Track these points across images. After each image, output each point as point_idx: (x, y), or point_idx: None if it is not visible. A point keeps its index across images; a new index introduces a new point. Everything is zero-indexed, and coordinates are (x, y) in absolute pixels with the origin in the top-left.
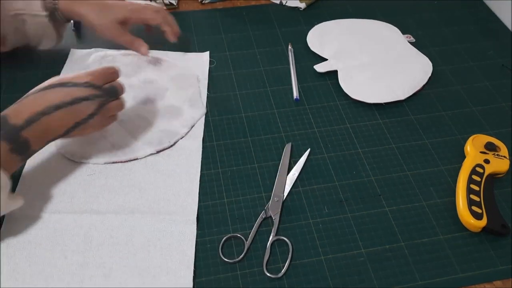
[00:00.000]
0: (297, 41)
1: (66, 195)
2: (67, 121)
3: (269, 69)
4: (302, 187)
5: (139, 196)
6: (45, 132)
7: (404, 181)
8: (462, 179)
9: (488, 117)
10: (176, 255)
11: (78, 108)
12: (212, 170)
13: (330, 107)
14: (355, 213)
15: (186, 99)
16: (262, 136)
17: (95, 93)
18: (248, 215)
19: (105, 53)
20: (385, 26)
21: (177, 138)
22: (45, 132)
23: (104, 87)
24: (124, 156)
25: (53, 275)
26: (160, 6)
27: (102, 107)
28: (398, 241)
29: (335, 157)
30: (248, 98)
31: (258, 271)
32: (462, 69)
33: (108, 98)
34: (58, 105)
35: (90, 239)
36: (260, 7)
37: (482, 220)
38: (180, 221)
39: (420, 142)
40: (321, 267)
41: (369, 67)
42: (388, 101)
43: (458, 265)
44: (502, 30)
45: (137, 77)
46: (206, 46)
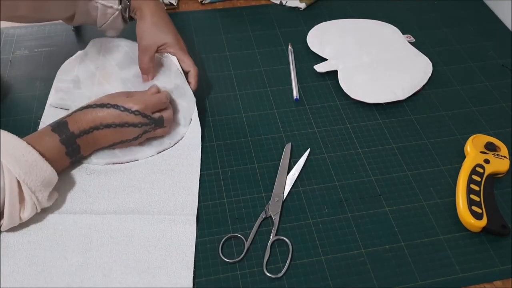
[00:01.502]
0: (297, 41)
1: (66, 195)
2: (113, 138)
3: (269, 69)
4: (302, 187)
5: (139, 196)
6: (94, 143)
7: (404, 181)
8: (462, 179)
9: (488, 117)
10: (176, 255)
11: (125, 131)
12: (212, 170)
13: (330, 107)
14: (355, 213)
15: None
16: (262, 136)
17: (142, 122)
18: (248, 215)
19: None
20: (385, 26)
21: (178, 138)
22: (94, 143)
23: (153, 117)
24: (124, 157)
25: (53, 275)
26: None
27: (146, 132)
28: (398, 241)
29: (335, 157)
30: (248, 98)
31: (258, 271)
32: (462, 69)
33: (154, 126)
34: (109, 124)
35: (90, 239)
36: (260, 7)
37: (482, 220)
38: (180, 221)
39: (420, 142)
40: (321, 267)
41: (369, 67)
42: (388, 101)
43: (458, 265)
44: (502, 30)
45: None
46: (206, 46)
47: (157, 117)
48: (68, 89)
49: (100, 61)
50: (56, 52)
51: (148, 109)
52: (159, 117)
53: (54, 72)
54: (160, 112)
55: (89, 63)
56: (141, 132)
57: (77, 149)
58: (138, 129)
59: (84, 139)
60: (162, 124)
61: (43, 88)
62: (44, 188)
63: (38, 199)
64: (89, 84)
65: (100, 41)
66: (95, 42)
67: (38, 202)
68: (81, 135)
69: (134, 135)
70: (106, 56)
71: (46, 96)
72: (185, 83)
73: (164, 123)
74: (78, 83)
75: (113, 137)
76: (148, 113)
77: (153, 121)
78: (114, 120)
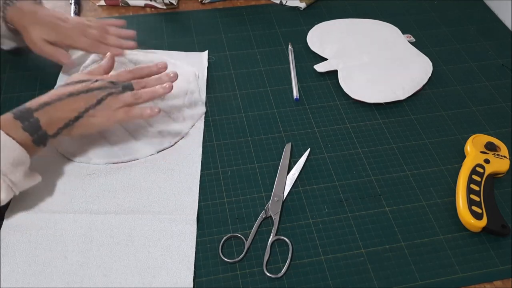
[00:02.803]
0: (297, 41)
1: (66, 195)
2: (78, 105)
3: (269, 69)
4: (302, 187)
5: (139, 196)
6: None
7: (404, 181)
8: (462, 179)
9: (488, 117)
10: (176, 255)
11: (89, 95)
12: (212, 170)
13: (330, 107)
14: (355, 213)
15: (186, 98)
16: (262, 136)
17: (106, 85)
18: (248, 215)
19: None
20: (385, 26)
21: (178, 138)
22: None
23: (118, 82)
24: (124, 156)
25: (53, 275)
26: (93, 20)
27: (112, 95)
28: (398, 241)
29: (335, 157)
30: (248, 98)
31: (258, 271)
32: (462, 69)
33: (120, 89)
34: (71, 92)
35: (90, 239)
36: (260, 7)
37: (482, 220)
38: (180, 221)
39: (420, 142)
40: (321, 267)
41: (369, 67)
42: (388, 101)
43: (458, 265)
44: (502, 30)
45: None
46: (206, 46)
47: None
48: None
49: None
50: None
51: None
52: (126, 82)
53: (54, 72)
54: None
55: None
56: (105, 93)
57: (36, 124)
58: (102, 90)
59: (44, 111)
60: (131, 87)
61: (43, 88)
62: (15, 168)
63: (12, 180)
64: None
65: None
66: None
67: (13, 183)
68: (40, 108)
69: (98, 96)
70: None
71: None
72: (199, 93)
73: (134, 85)
74: None
75: (78, 104)
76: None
77: (118, 85)
78: (78, 89)
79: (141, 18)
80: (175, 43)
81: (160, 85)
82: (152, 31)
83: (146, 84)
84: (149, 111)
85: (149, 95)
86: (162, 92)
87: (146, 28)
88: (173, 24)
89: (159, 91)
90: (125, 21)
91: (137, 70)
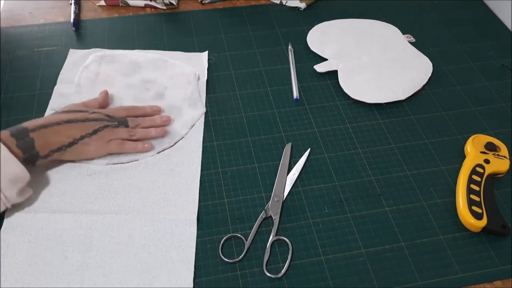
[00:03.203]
0: (297, 41)
1: (66, 195)
2: (74, 132)
3: (269, 69)
4: (302, 187)
5: (139, 196)
6: (51, 138)
7: (404, 181)
8: (462, 179)
9: (488, 117)
10: (176, 255)
11: (86, 125)
12: (212, 170)
13: (330, 107)
14: (355, 213)
15: (186, 98)
16: (262, 136)
17: (103, 118)
18: (248, 215)
19: (104, 53)
20: (385, 26)
21: (178, 138)
22: (51, 138)
23: (114, 117)
24: (124, 157)
25: (53, 275)
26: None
27: (107, 127)
28: (398, 241)
29: (335, 157)
30: (248, 98)
31: (258, 271)
32: (462, 69)
33: (116, 124)
34: (70, 120)
35: (90, 239)
36: (260, 7)
37: (482, 220)
38: (180, 221)
39: (420, 142)
40: (321, 267)
41: (369, 67)
42: (388, 101)
43: (458, 265)
44: (502, 30)
45: (136, 77)
46: (206, 46)
47: (119, 117)
48: (69, 94)
49: (101, 69)
50: (56, 52)
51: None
52: (122, 118)
53: (54, 72)
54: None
55: (90, 71)
56: (101, 125)
57: (31, 144)
58: (98, 122)
59: (40, 133)
60: (126, 124)
61: (43, 88)
62: (12, 185)
63: (6, 196)
64: (90, 88)
65: (101, 52)
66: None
67: (7, 199)
68: (37, 129)
69: (94, 127)
70: (107, 65)
71: (46, 96)
72: (199, 93)
73: (129, 122)
74: (79, 88)
75: (74, 131)
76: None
77: (114, 120)
78: (76, 117)
79: (141, 18)
80: (175, 43)
81: (154, 128)
82: (152, 31)
83: (141, 124)
84: (141, 146)
85: (142, 134)
86: (155, 135)
87: (146, 28)
88: (173, 24)
89: (152, 133)
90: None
91: (133, 109)
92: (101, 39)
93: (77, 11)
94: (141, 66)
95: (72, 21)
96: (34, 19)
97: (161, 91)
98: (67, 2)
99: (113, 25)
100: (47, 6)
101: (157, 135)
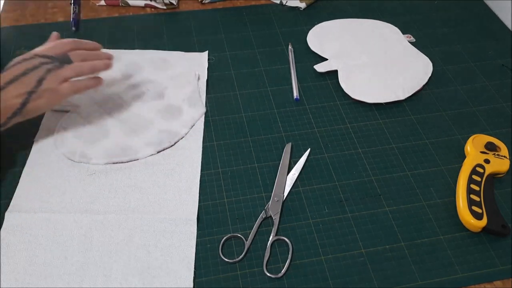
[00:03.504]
0: (297, 41)
1: (66, 195)
2: (20, 91)
3: (269, 69)
4: (302, 187)
5: (139, 196)
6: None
7: (404, 181)
8: (462, 179)
9: (488, 117)
10: (176, 255)
11: (28, 77)
12: (212, 170)
13: (330, 107)
14: (355, 213)
15: (186, 98)
16: (262, 136)
17: (42, 61)
18: (248, 215)
19: None
20: (385, 26)
21: (177, 138)
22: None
23: (54, 56)
24: (124, 156)
25: (53, 275)
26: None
27: (50, 71)
28: (398, 241)
29: (335, 157)
30: (248, 98)
31: (258, 271)
32: (462, 69)
33: (58, 64)
34: (11, 79)
35: (90, 239)
36: (260, 7)
37: (482, 220)
38: (180, 221)
39: (420, 142)
40: (321, 267)
41: (369, 67)
42: (388, 101)
43: (458, 265)
44: (502, 30)
45: (136, 77)
46: (206, 46)
47: (59, 55)
48: None
49: None
50: None
51: (48, 51)
52: (62, 54)
53: None
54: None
55: None
56: (43, 71)
57: None
58: (39, 69)
59: None
60: (66, 61)
61: None
62: None
63: None
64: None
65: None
66: None
67: None
68: None
69: (37, 77)
70: None
71: None
72: (199, 93)
73: (72, 57)
74: None
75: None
76: (49, 54)
77: (54, 59)
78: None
79: (141, 18)
80: (175, 43)
81: (99, 60)
82: (152, 31)
83: (85, 57)
84: (95, 81)
85: (89, 68)
86: (103, 66)
87: (146, 28)
88: (173, 24)
89: (99, 65)
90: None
91: (73, 42)
92: (101, 39)
93: (77, 11)
94: (141, 66)
95: (72, 21)
96: (34, 19)
97: (161, 91)
98: (67, 2)
99: (113, 25)
100: (47, 6)
101: (105, 67)
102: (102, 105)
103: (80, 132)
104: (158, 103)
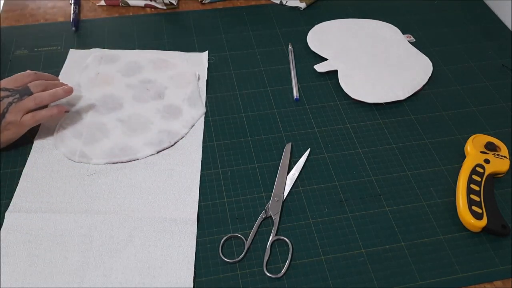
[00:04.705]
0: (297, 41)
1: (66, 195)
2: None
3: (269, 69)
4: (302, 187)
5: (139, 196)
6: None
7: (404, 181)
8: (462, 179)
9: (488, 117)
10: (176, 255)
11: None
12: (212, 170)
13: (330, 107)
14: (355, 213)
15: (186, 98)
16: (262, 136)
17: (3, 95)
18: (248, 215)
19: (104, 53)
20: (385, 26)
21: (177, 138)
22: None
23: (14, 88)
24: (124, 156)
25: (53, 275)
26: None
27: (11, 104)
28: (398, 241)
29: (335, 157)
30: (248, 98)
31: (258, 271)
32: (462, 69)
33: (18, 97)
34: None
35: (90, 239)
36: (260, 7)
37: (482, 220)
38: (180, 221)
39: (420, 142)
40: (321, 267)
41: (369, 67)
42: (388, 101)
43: (458, 265)
44: (502, 30)
45: (136, 77)
46: (206, 46)
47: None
48: None
49: (101, 68)
50: (56, 52)
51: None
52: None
53: (54, 72)
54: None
55: (89, 71)
56: (4, 105)
57: None
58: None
59: None
60: (28, 92)
61: None
62: None
63: None
64: (90, 87)
65: (101, 52)
66: (95, 56)
67: None
68: None
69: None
70: (107, 64)
71: None
72: (199, 93)
73: (31, 88)
74: (79, 88)
75: None
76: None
77: (14, 91)
78: None
79: (141, 18)
80: (175, 43)
81: (61, 87)
82: (152, 31)
83: (45, 87)
84: (57, 110)
85: (50, 97)
86: (63, 94)
87: (146, 28)
88: (173, 24)
89: (60, 93)
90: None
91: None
92: (101, 39)
93: (77, 11)
94: (141, 66)
95: (72, 21)
96: (34, 19)
97: (161, 91)
98: (67, 2)
99: (113, 25)
100: (47, 6)
101: (66, 93)
102: (102, 105)
103: (80, 132)
104: (158, 103)
